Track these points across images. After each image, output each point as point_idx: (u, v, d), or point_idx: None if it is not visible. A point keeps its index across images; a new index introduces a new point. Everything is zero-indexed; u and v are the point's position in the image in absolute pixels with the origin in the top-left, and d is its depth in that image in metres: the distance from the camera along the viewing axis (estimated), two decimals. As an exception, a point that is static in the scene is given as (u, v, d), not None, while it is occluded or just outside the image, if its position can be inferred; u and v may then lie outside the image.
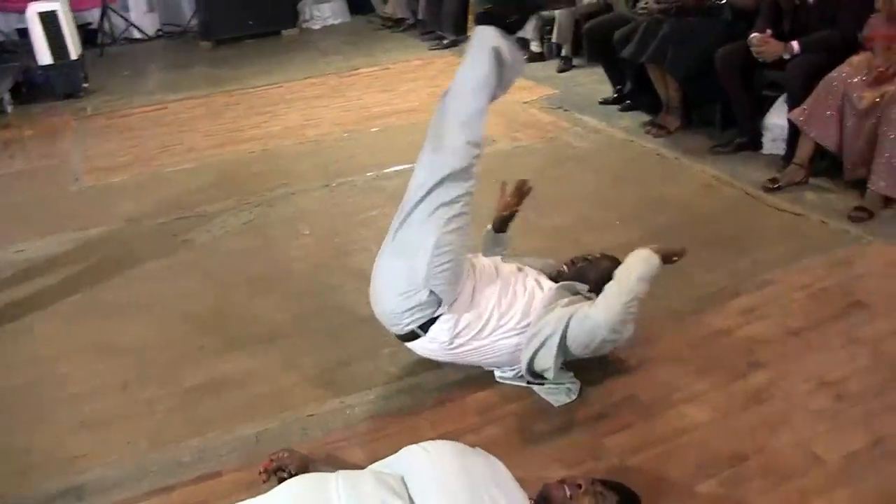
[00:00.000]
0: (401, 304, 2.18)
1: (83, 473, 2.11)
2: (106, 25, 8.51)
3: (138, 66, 7.66)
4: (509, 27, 2.16)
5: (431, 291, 2.14)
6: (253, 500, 1.59)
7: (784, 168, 3.66)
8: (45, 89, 6.36)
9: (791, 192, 3.52)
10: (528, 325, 2.19)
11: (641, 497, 1.67)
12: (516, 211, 2.69)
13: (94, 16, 8.51)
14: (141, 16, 8.89)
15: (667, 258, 2.30)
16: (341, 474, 1.58)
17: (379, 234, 3.33)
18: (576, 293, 2.31)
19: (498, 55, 2.10)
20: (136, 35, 8.85)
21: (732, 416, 2.14)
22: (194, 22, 9.07)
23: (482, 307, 2.21)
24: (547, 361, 2.13)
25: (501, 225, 2.70)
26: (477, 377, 2.36)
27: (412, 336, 2.24)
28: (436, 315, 2.17)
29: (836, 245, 3.05)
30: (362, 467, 1.73)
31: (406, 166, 4.15)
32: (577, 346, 2.12)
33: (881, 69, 3.27)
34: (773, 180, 3.57)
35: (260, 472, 1.86)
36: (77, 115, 5.93)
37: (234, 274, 3.20)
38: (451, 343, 2.20)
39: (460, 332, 2.19)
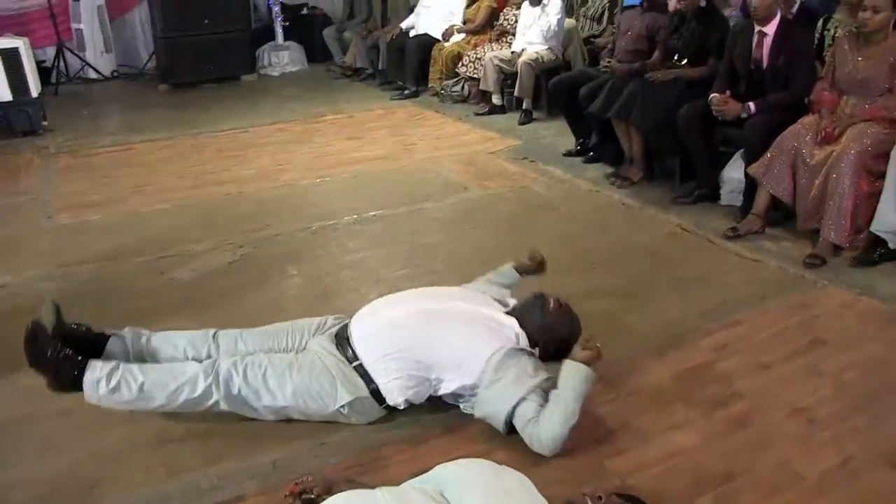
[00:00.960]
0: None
1: (104, 500, 2.16)
2: (61, 64, 8.51)
3: (96, 107, 7.71)
4: None
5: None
6: (299, 513, 1.68)
7: (742, 218, 3.94)
8: (2, 127, 6.33)
9: (750, 240, 3.80)
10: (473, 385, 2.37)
11: (652, 510, 1.83)
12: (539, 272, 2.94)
13: (47, 54, 8.51)
14: (96, 56, 8.92)
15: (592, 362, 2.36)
16: (384, 489, 1.69)
17: (365, 276, 3.52)
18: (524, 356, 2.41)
19: None
20: (92, 75, 8.86)
21: (718, 440, 2.33)
22: (151, 64, 9.16)
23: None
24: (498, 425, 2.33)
25: (524, 271, 2.92)
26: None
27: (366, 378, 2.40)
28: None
29: (794, 289, 3.32)
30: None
31: (382, 212, 4.36)
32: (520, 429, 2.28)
33: (828, 130, 3.60)
34: (734, 229, 3.85)
35: (285, 496, 1.94)
36: (40, 154, 5.92)
37: (224, 311, 3.26)
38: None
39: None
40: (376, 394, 2.38)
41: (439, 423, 2.46)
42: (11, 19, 8.29)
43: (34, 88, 6.46)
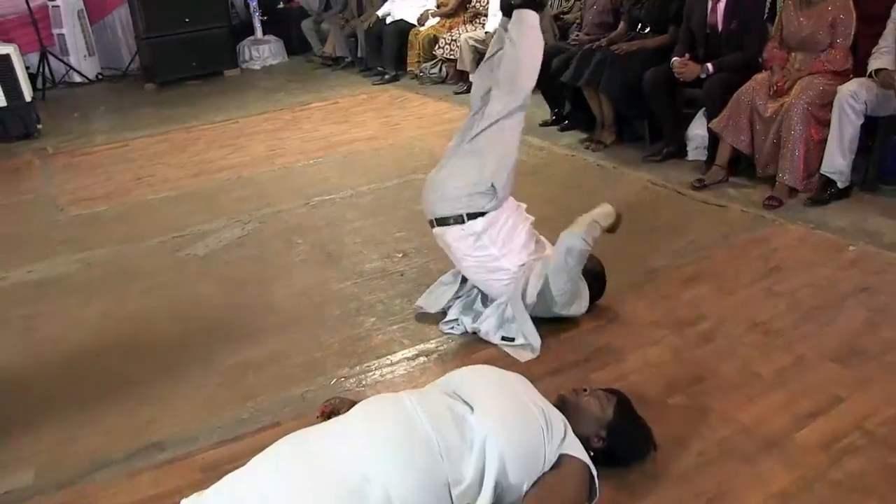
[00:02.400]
0: (465, 189, 2.77)
1: (159, 432, 2.47)
2: (45, 70, 8.72)
3: (86, 108, 7.92)
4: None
5: (492, 185, 2.75)
6: (336, 418, 2.01)
7: (707, 170, 4.29)
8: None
9: (715, 189, 4.15)
10: (523, 263, 2.83)
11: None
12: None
13: (30, 60, 8.68)
14: (80, 60, 9.13)
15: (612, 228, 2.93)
16: (407, 391, 2.02)
17: (367, 241, 3.84)
18: None
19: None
20: (77, 79, 9.08)
21: (688, 352, 2.68)
22: (134, 65, 9.39)
23: (511, 220, 2.85)
24: (531, 295, 2.75)
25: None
26: (476, 345, 2.83)
27: (451, 221, 2.81)
28: (483, 210, 2.76)
29: (755, 227, 3.67)
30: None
31: (376, 185, 4.67)
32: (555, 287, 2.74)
33: (779, 84, 3.95)
34: (700, 180, 4.20)
35: (317, 416, 2.26)
36: (39, 155, 6.17)
37: (241, 277, 3.58)
38: (479, 238, 2.78)
39: (488, 229, 2.77)
40: None
41: (445, 356, 2.79)
42: (-7, 28, 8.50)
43: (27, 93, 6.71)
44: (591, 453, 1.97)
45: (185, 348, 3.01)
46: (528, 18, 2.87)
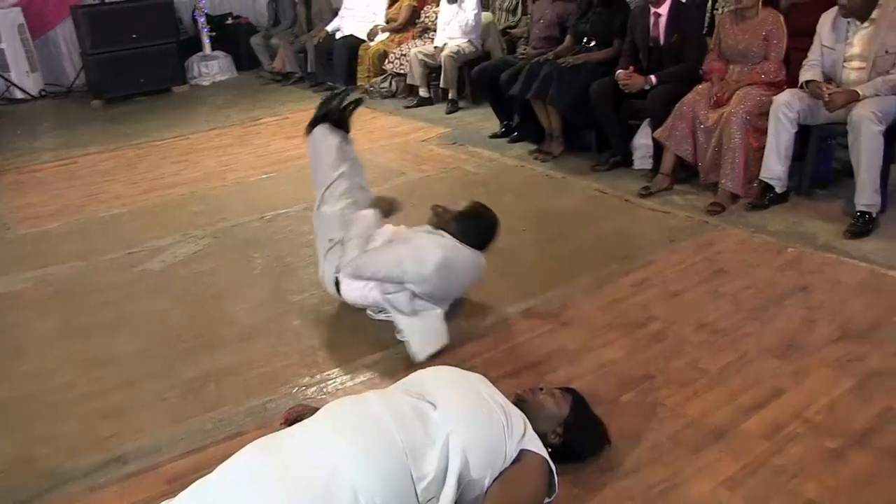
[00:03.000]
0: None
1: (122, 446, 2.48)
2: (-15, 86, 8.56)
3: (29, 125, 7.79)
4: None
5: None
6: (301, 423, 2.05)
7: (652, 178, 4.45)
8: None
9: (661, 196, 4.31)
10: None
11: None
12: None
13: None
14: (22, 76, 8.95)
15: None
16: (371, 391, 2.08)
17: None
18: None
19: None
20: (18, 95, 8.91)
21: (639, 352, 2.79)
22: (79, 82, 9.26)
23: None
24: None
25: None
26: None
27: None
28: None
29: (699, 232, 3.83)
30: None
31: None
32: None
33: (719, 95, 4.13)
34: (646, 188, 4.36)
35: (280, 424, 2.30)
36: (-18, 173, 6.05)
37: (199, 291, 3.59)
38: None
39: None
40: None
41: (402, 362, 2.86)
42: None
43: (-33, 108, 6.59)
44: (549, 449, 2.06)
45: (145, 361, 3.01)
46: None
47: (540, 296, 3.27)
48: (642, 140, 4.72)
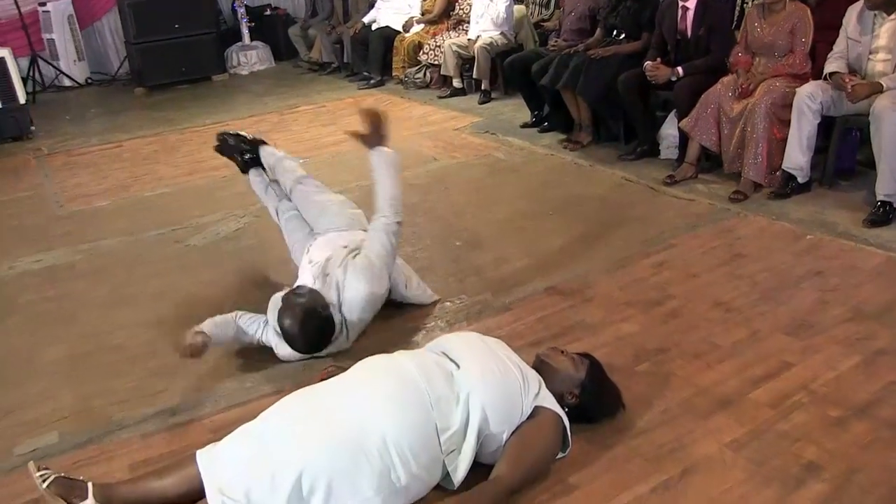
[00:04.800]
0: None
1: (169, 400, 2.69)
2: (36, 74, 8.88)
3: (77, 111, 8.08)
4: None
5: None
6: (338, 376, 2.23)
7: (678, 168, 4.57)
8: (-6, 132, 6.72)
9: (685, 185, 4.43)
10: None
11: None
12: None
13: (20, 65, 8.80)
14: (70, 64, 9.27)
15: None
16: (400, 352, 2.26)
17: (358, 231, 4.02)
18: None
19: None
20: (67, 83, 9.23)
21: (655, 327, 2.94)
22: (123, 70, 9.56)
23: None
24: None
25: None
26: (464, 322, 3.07)
27: None
28: None
29: (721, 219, 3.95)
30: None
31: (364, 182, 4.87)
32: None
33: (744, 86, 4.23)
34: (671, 177, 4.47)
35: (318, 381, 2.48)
36: (35, 155, 6.33)
37: (239, 265, 3.81)
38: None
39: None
40: None
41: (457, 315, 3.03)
42: (-18, 33, 8.66)
43: (21, 95, 6.89)
44: (566, 409, 2.22)
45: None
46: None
47: (563, 274, 3.42)
48: (669, 130, 4.84)
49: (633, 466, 2.19)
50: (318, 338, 2.78)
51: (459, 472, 2.05)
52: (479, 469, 2.09)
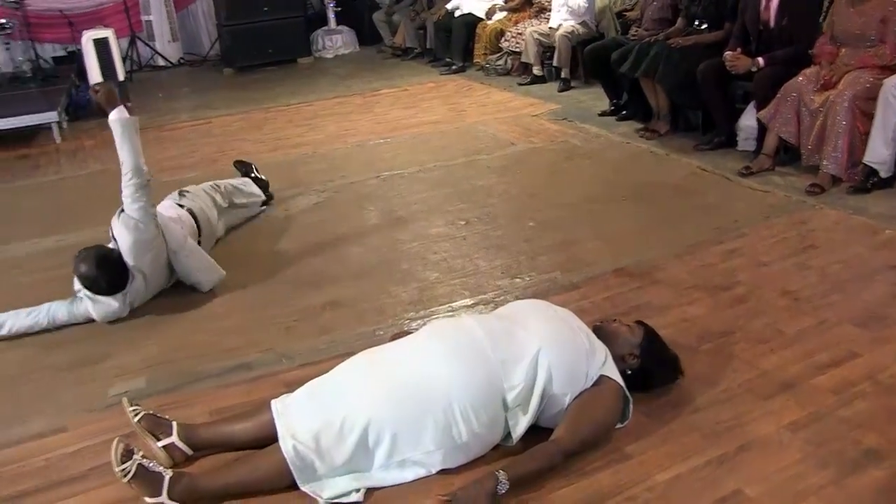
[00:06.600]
0: None
1: (246, 356, 2.86)
2: (133, 54, 9.33)
3: (169, 90, 8.47)
4: None
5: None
6: (407, 337, 2.35)
7: (755, 159, 4.52)
8: (91, 108, 7.06)
9: (761, 176, 4.38)
10: None
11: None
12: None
13: (121, 45, 9.25)
14: (165, 45, 9.70)
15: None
16: (467, 314, 2.37)
17: (432, 210, 4.19)
18: None
19: None
20: (161, 62, 9.66)
21: (721, 311, 2.95)
22: (214, 51, 9.94)
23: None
24: None
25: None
26: (527, 294, 3.15)
27: None
28: None
29: (796, 210, 3.90)
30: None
31: (442, 163, 5.01)
32: None
33: (827, 78, 4.16)
34: (747, 167, 4.44)
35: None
36: (130, 129, 6.65)
37: (319, 236, 3.96)
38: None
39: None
40: None
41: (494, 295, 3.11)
42: (90, 14, 9.14)
43: (120, 73, 7.29)
44: (628, 371, 2.29)
45: (268, 289, 3.40)
46: None
47: (632, 257, 3.45)
48: (748, 121, 4.78)
49: (689, 440, 2.24)
50: (115, 274, 3.12)
51: (519, 428, 2.14)
52: (540, 432, 2.17)
